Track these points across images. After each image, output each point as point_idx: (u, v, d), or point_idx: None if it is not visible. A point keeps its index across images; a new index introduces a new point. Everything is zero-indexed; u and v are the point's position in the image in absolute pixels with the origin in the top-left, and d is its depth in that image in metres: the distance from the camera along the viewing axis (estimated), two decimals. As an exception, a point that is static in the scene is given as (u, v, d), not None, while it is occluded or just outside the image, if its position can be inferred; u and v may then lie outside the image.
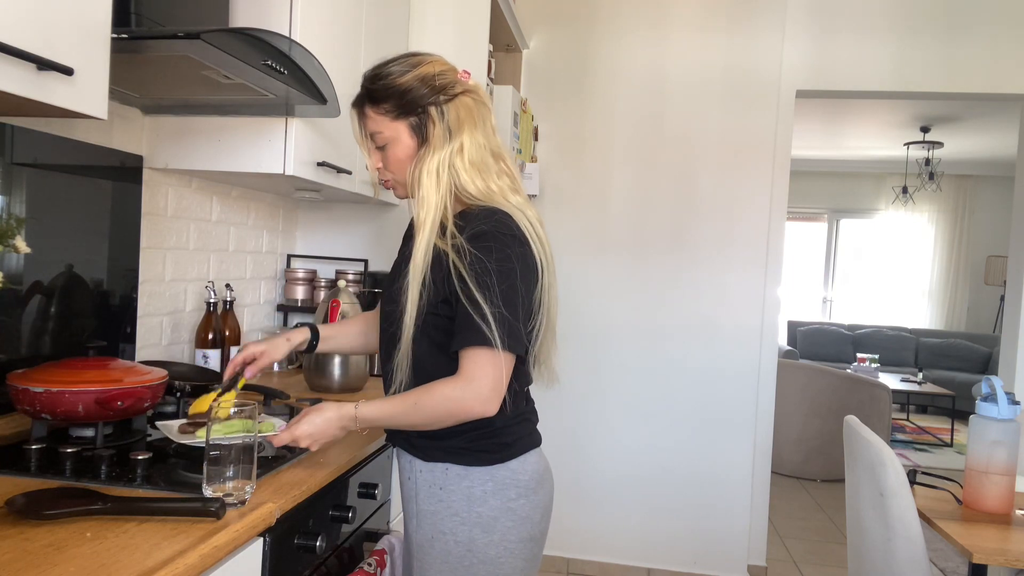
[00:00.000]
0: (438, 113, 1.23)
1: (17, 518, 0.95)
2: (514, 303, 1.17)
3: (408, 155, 1.25)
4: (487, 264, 1.15)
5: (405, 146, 1.25)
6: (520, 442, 1.29)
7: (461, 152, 1.23)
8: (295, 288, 2.48)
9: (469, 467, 1.25)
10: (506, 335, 1.14)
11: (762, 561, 3.20)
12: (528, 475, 1.28)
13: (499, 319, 1.14)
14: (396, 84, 1.24)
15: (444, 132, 1.23)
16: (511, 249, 1.18)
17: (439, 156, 1.22)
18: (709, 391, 3.15)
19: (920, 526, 1.74)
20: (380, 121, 1.26)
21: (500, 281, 1.15)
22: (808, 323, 7.86)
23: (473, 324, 1.14)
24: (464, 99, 1.25)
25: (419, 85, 1.24)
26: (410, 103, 1.23)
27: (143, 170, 1.77)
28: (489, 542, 1.24)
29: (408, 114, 1.24)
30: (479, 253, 1.16)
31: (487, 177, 1.24)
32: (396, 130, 1.25)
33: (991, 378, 1.82)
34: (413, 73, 1.24)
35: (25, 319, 1.43)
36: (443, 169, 1.22)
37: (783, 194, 3.11)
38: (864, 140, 6.84)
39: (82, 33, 1.07)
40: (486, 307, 1.14)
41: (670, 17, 3.12)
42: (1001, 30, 3.03)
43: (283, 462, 1.30)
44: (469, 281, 1.15)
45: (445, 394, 1.17)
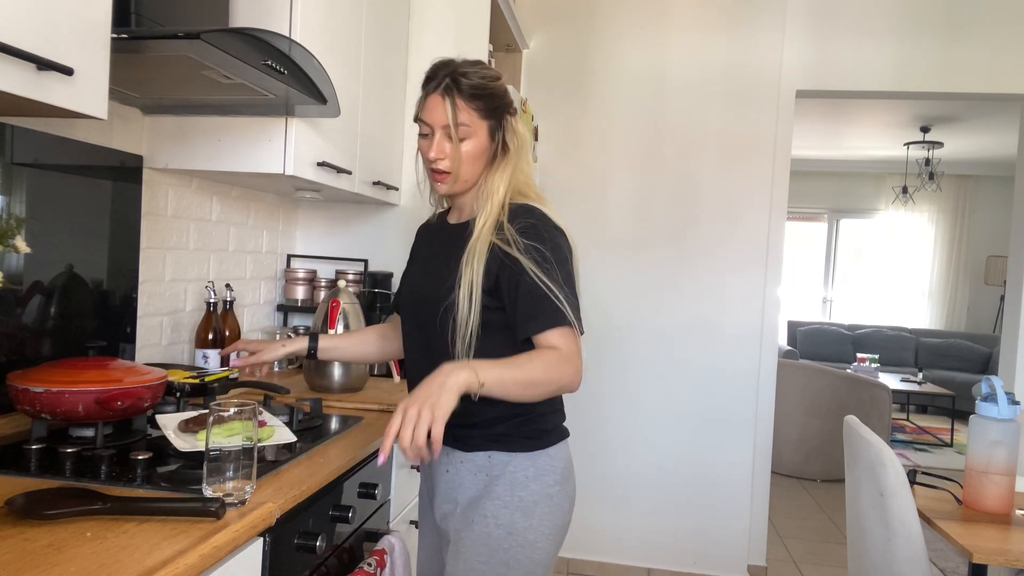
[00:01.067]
0: (511, 124, 1.36)
1: (17, 518, 0.95)
2: (574, 287, 1.27)
3: (480, 155, 1.33)
4: (544, 252, 1.24)
5: (482, 146, 1.33)
6: (556, 430, 1.36)
7: (522, 163, 1.37)
8: (295, 288, 2.48)
9: (513, 453, 1.30)
10: (577, 314, 1.24)
11: (762, 561, 3.20)
12: (563, 463, 1.35)
13: (570, 301, 1.23)
14: (492, 88, 1.33)
15: (517, 143, 1.36)
16: (560, 239, 1.29)
17: (511, 165, 1.35)
18: (709, 391, 3.15)
19: (920, 526, 1.74)
20: (470, 116, 1.31)
21: (560, 267, 1.25)
22: (808, 323, 7.86)
23: (548, 307, 1.21)
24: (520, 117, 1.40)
25: (502, 95, 1.35)
26: (496, 109, 1.33)
27: (143, 170, 1.77)
28: (528, 526, 1.28)
29: (491, 118, 1.33)
30: (535, 243, 1.24)
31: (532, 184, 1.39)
32: (480, 129, 1.32)
33: (991, 378, 1.82)
34: (500, 83, 1.36)
35: (25, 319, 1.43)
36: (510, 177, 1.34)
37: (783, 194, 3.11)
38: (864, 140, 6.84)
39: (82, 33, 1.07)
40: (556, 290, 1.21)
41: (670, 17, 3.12)
42: (1001, 30, 3.03)
43: (283, 462, 1.30)
44: (529, 268, 1.22)
45: (554, 363, 1.19)
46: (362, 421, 1.69)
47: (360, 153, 2.14)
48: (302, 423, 1.55)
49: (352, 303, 1.98)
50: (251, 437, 1.07)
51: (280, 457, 1.32)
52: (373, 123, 2.24)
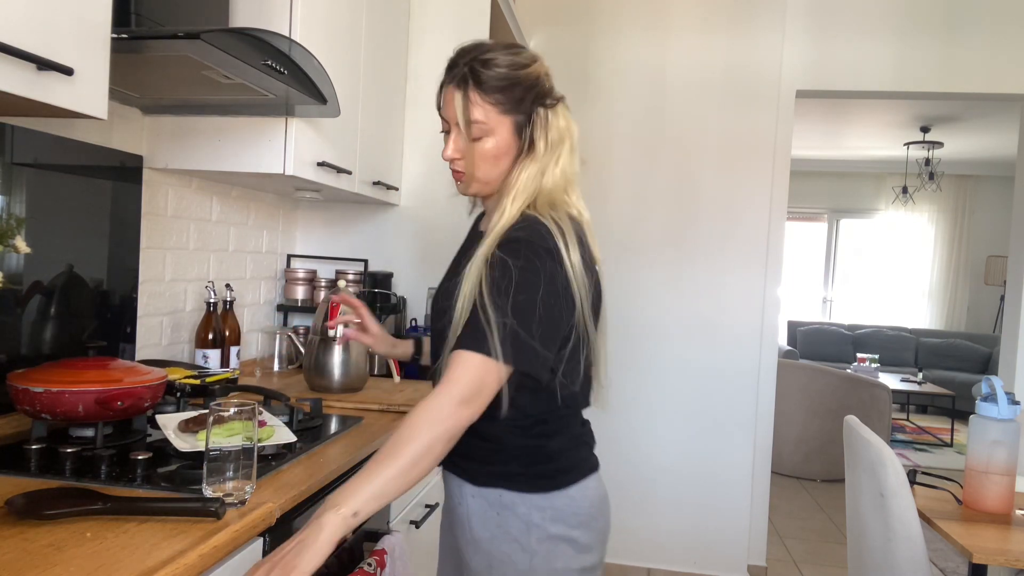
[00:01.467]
0: (544, 118, 1.17)
1: (17, 518, 0.95)
2: (528, 317, 1.05)
3: (503, 153, 1.17)
4: (508, 270, 1.07)
5: (504, 144, 1.16)
6: (578, 468, 1.21)
7: (556, 164, 1.17)
8: (295, 288, 2.48)
9: (525, 494, 1.17)
10: (508, 346, 1.04)
11: (762, 561, 3.20)
12: (588, 502, 1.20)
13: (503, 329, 1.04)
14: (517, 78, 1.14)
15: (548, 140, 1.17)
16: (540, 261, 1.08)
17: (539, 163, 1.16)
18: (709, 391, 3.15)
19: (920, 526, 1.74)
20: (487, 111, 1.14)
21: (518, 291, 1.06)
22: (808, 323, 7.86)
23: (475, 328, 1.05)
24: (562, 108, 1.20)
25: (532, 84, 1.16)
26: (522, 101, 1.15)
27: (143, 170, 1.77)
28: (551, 570, 1.16)
29: (516, 111, 1.16)
30: (505, 257, 1.08)
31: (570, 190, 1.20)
32: (501, 125, 1.15)
33: (991, 378, 1.82)
34: (531, 70, 1.16)
35: (25, 319, 1.43)
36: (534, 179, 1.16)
37: (783, 194, 3.11)
38: (864, 140, 6.84)
39: (82, 33, 1.07)
40: (492, 314, 1.05)
41: (670, 17, 3.12)
42: (1001, 30, 3.03)
43: (283, 462, 1.30)
44: (485, 285, 1.07)
45: (423, 414, 1.01)
46: (362, 421, 1.69)
47: (360, 153, 2.14)
48: (302, 423, 1.55)
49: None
50: (251, 437, 1.07)
51: (280, 457, 1.32)
52: (373, 123, 2.24)
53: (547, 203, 1.16)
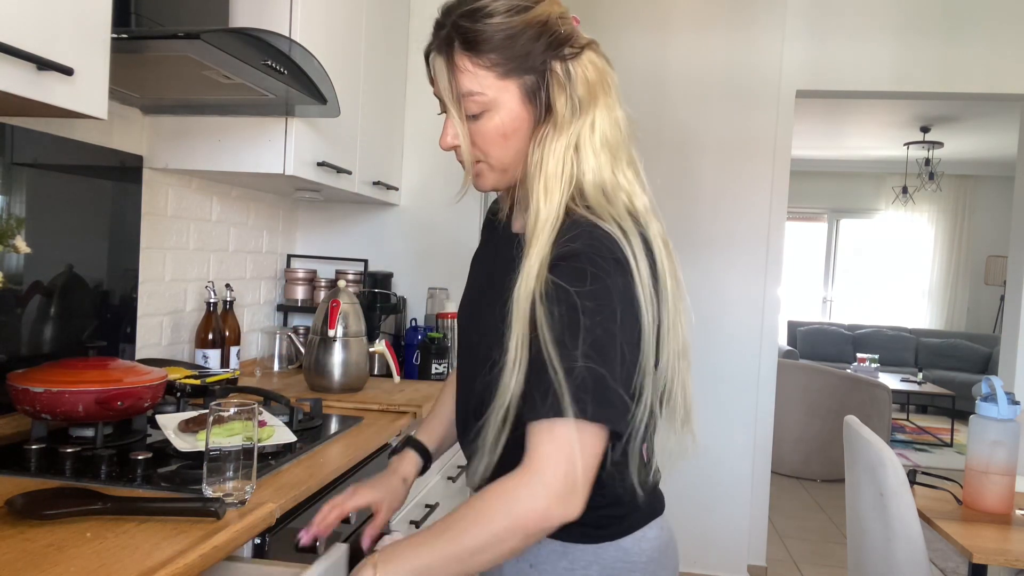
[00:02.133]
0: (564, 72, 0.89)
1: (17, 518, 0.95)
2: (610, 356, 0.81)
3: (516, 128, 0.90)
4: (572, 301, 0.81)
5: (514, 116, 0.90)
6: (636, 514, 0.96)
7: (592, 129, 0.89)
8: (295, 288, 2.48)
9: (568, 543, 0.93)
10: (590, 400, 0.79)
11: (762, 561, 3.20)
12: (646, 554, 0.95)
13: (581, 378, 0.79)
14: (508, 26, 0.87)
15: (573, 100, 0.89)
16: (612, 280, 0.82)
17: (567, 134, 0.89)
18: (709, 391, 3.15)
19: (920, 526, 1.74)
20: (481, 78, 0.88)
21: (594, 327, 0.80)
22: (808, 323, 7.86)
23: (542, 387, 0.80)
24: (590, 55, 0.92)
25: (539, 31, 0.88)
26: (527, 55, 0.88)
27: (143, 170, 1.77)
28: None
29: (523, 71, 0.89)
30: (565, 284, 0.82)
31: (617, 166, 0.91)
32: (503, 92, 0.89)
33: (991, 378, 1.82)
34: (532, 14, 0.88)
35: (25, 319, 1.43)
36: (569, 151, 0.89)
37: (783, 194, 3.11)
38: (864, 140, 6.84)
39: (82, 33, 1.07)
40: (561, 362, 0.79)
41: (670, 17, 3.12)
42: (1001, 30, 3.03)
43: (283, 462, 1.30)
44: (546, 327, 0.81)
45: (501, 499, 0.80)
46: (362, 421, 1.69)
47: (360, 153, 2.14)
48: (302, 423, 1.55)
49: (352, 303, 1.98)
50: (251, 437, 1.07)
51: (280, 457, 1.32)
52: (373, 123, 2.24)
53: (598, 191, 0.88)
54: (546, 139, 0.89)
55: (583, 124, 0.89)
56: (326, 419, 1.66)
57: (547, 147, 0.89)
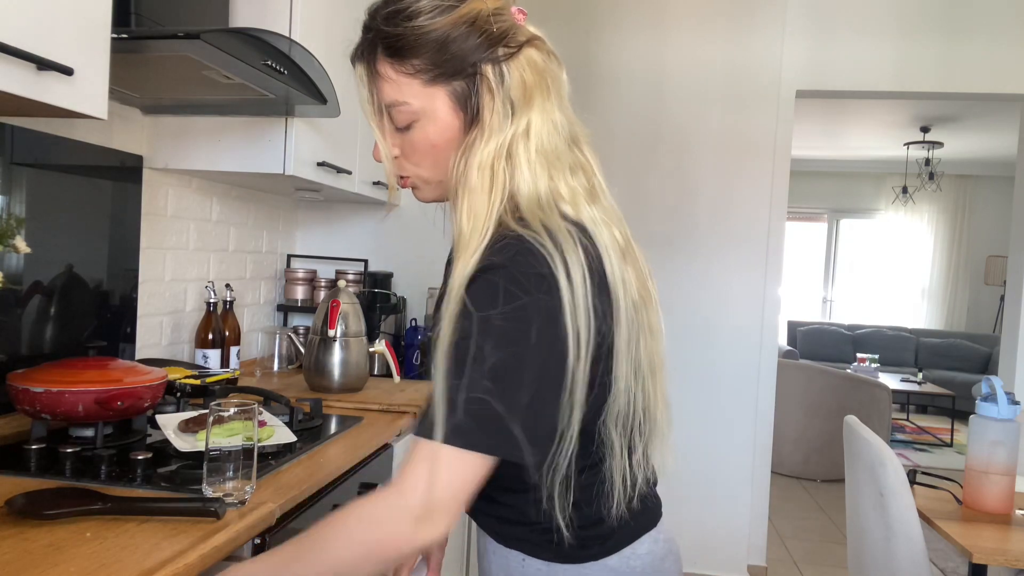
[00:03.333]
0: (496, 76, 0.82)
1: (17, 518, 0.95)
2: (512, 381, 0.74)
3: (446, 138, 0.84)
4: (474, 323, 0.75)
5: (443, 125, 0.84)
6: (622, 532, 0.90)
7: (527, 136, 0.82)
8: (295, 288, 2.48)
9: (553, 563, 0.88)
10: (475, 426, 0.73)
11: (762, 561, 3.20)
12: (637, 571, 0.90)
13: (467, 403, 0.73)
14: (432, 28, 0.81)
15: (505, 105, 0.82)
16: (530, 297, 0.75)
17: (496, 141, 0.81)
18: (709, 391, 3.15)
19: (920, 526, 1.74)
20: (405, 86, 0.83)
21: (497, 349, 0.74)
22: (808, 323, 7.86)
23: (434, 408, 0.75)
24: (530, 53, 0.84)
25: (467, 31, 0.81)
26: (454, 59, 0.81)
27: (143, 170, 1.77)
28: None
29: (451, 76, 0.82)
30: (473, 305, 0.75)
31: (557, 174, 0.83)
32: (430, 100, 0.83)
33: (991, 378, 1.82)
34: (458, 13, 0.81)
35: (25, 319, 1.43)
36: (499, 161, 0.81)
37: (783, 194, 3.11)
38: (864, 140, 6.84)
39: (82, 33, 1.08)
40: (448, 389, 0.74)
41: (670, 17, 3.12)
42: (1001, 30, 3.03)
43: (283, 462, 1.30)
44: (449, 346, 0.76)
45: (367, 517, 0.76)
46: (362, 421, 1.69)
47: (360, 153, 2.15)
48: (302, 423, 1.55)
49: (352, 303, 1.98)
50: (251, 437, 1.07)
51: (280, 457, 1.32)
52: (373, 123, 2.24)
53: (533, 202, 0.80)
54: (472, 147, 0.82)
55: (515, 130, 0.82)
56: (326, 419, 1.66)
57: (471, 156, 0.82)
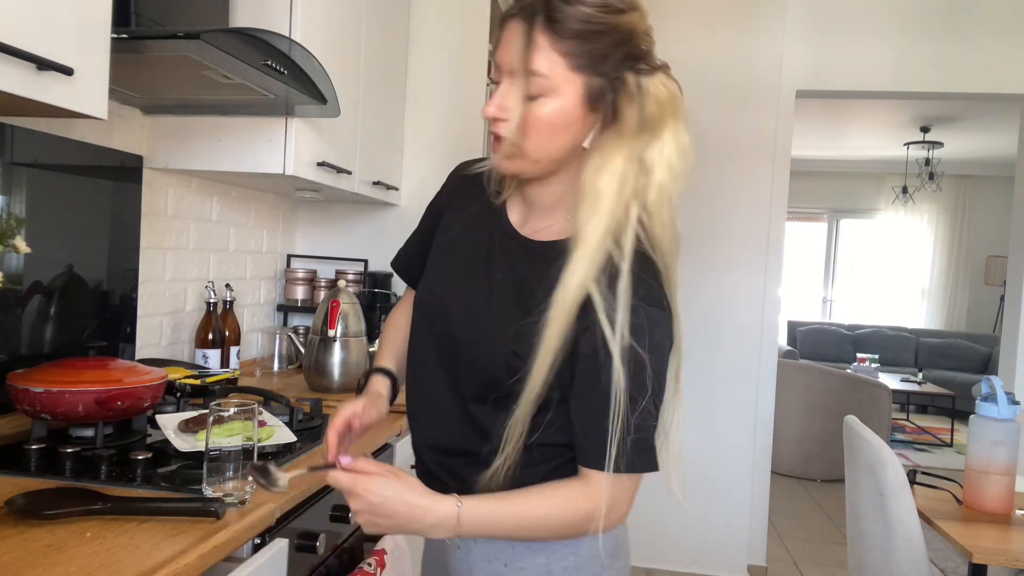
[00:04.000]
0: (636, 86, 0.86)
1: (17, 518, 0.95)
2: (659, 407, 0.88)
3: (567, 124, 0.87)
4: (641, 352, 0.84)
5: (568, 111, 0.86)
6: None
7: (660, 152, 0.86)
8: (295, 288, 2.48)
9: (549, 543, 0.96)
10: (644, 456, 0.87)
11: (762, 561, 3.20)
12: (612, 540, 0.99)
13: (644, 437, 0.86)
14: (597, 20, 0.84)
15: (642, 115, 0.86)
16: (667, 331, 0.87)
17: (629, 147, 0.86)
18: (709, 391, 3.14)
19: (920, 526, 1.74)
20: (552, 61, 0.84)
21: (656, 382, 0.85)
22: (808, 323, 7.86)
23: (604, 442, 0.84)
24: (663, 78, 0.90)
25: (623, 38, 0.86)
26: (603, 57, 0.85)
27: (143, 170, 1.77)
28: None
29: (593, 71, 0.85)
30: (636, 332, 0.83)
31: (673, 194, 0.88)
32: (568, 85, 0.85)
33: (991, 378, 1.82)
34: (623, 18, 0.86)
35: (25, 319, 1.43)
36: (632, 167, 0.86)
37: (783, 194, 3.11)
38: (864, 140, 6.84)
39: (82, 33, 1.07)
40: (632, 419, 0.84)
41: (670, 17, 3.12)
42: (1001, 30, 3.03)
43: (283, 462, 1.30)
44: (622, 372, 0.83)
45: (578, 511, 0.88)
46: (362, 421, 1.69)
47: (360, 153, 2.14)
48: (302, 423, 1.55)
49: (352, 303, 1.98)
50: (251, 437, 1.07)
51: (280, 457, 1.32)
52: (373, 123, 2.24)
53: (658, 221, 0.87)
54: (603, 147, 0.87)
55: (650, 141, 0.86)
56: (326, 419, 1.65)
57: (603, 157, 0.86)
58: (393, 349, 1.17)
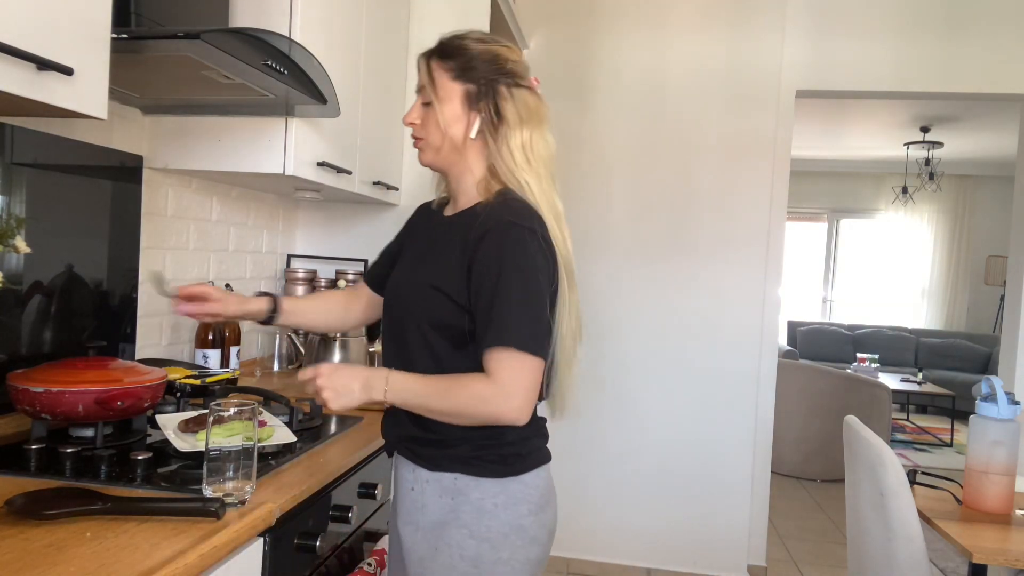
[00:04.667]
0: (508, 93, 1.20)
1: (17, 518, 0.95)
2: (542, 305, 1.13)
3: (450, 121, 1.21)
4: (519, 260, 1.11)
5: (452, 112, 1.21)
6: (533, 455, 1.23)
7: (531, 141, 1.21)
8: (295, 288, 2.48)
9: (480, 478, 1.18)
10: (536, 338, 1.11)
11: (762, 561, 3.20)
12: (539, 491, 1.22)
13: (530, 320, 1.10)
14: (468, 48, 1.22)
15: (517, 115, 1.20)
16: (537, 247, 1.14)
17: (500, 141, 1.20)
18: (709, 391, 3.14)
19: (920, 526, 1.74)
20: (439, 76, 1.23)
21: (530, 280, 1.11)
22: (808, 323, 7.85)
23: (504, 322, 1.09)
24: (530, 94, 1.24)
25: (490, 59, 1.22)
26: (473, 70, 1.21)
27: (143, 170, 1.77)
28: (497, 559, 1.17)
29: (467, 80, 1.21)
30: (513, 246, 1.12)
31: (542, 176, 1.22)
32: (450, 92, 1.22)
33: (991, 378, 1.82)
34: (487, 47, 1.23)
35: (25, 319, 1.43)
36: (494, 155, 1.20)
37: (783, 194, 3.11)
38: (864, 140, 6.84)
39: (82, 33, 1.08)
40: (517, 306, 1.10)
41: (670, 17, 3.12)
42: (1001, 30, 3.03)
43: (283, 462, 1.30)
44: (499, 274, 1.10)
45: (479, 394, 1.10)
46: (362, 421, 1.69)
47: (360, 153, 2.14)
48: (302, 423, 1.55)
49: (352, 303, 1.98)
50: (251, 437, 1.07)
51: (280, 457, 1.32)
52: (373, 123, 2.24)
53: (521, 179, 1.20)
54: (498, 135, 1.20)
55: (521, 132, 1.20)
56: (326, 419, 1.66)
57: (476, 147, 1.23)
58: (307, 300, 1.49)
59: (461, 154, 1.24)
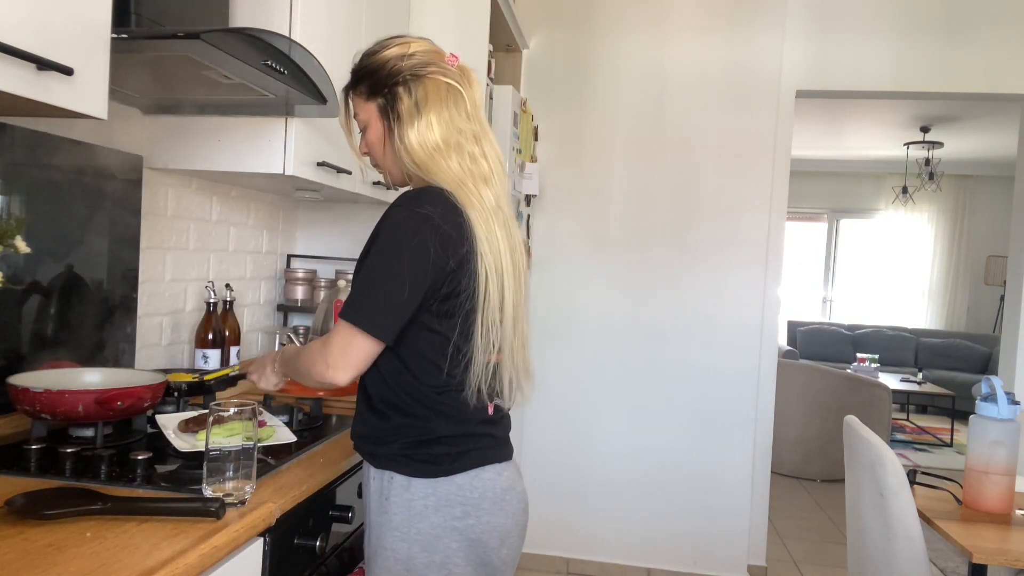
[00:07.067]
0: (406, 91, 1.20)
1: (17, 518, 0.95)
2: (395, 288, 1.11)
3: (378, 138, 1.24)
4: (388, 241, 1.13)
5: (375, 129, 1.24)
6: (469, 456, 1.18)
7: (429, 129, 1.18)
8: (295, 288, 2.48)
9: (410, 478, 1.16)
10: (374, 319, 1.11)
11: (762, 561, 3.20)
12: (479, 493, 1.17)
13: (372, 300, 1.12)
14: (369, 64, 1.24)
15: (412, 109, 1.19)
16: (416, 231, 1.11)
17: (404, 131, 1.19)
18: (709, 391, 3.14)
19: (920, 526, 1.74)
20: (358, 103, 1.26)
21: (390, 261, 1.11)
22: (808, 323, 7.85)
23: (352, 297, 1.14)
24: (435, 79, 1.21)
25: (390, 63, 1.22)
26: (379, 83, 1.22)
27: (143, 170, 1.77)
28: (430, 562, 1.14)
29: (377, 94, 1.23)
30: (388, 228, 1.14)
31: (451, 157, 1.18)
32: (369, 112, 1.24)
33: (991, 378, 1.82)
34: (384, 53, 1.23)
35: (25, 319, 1.43)
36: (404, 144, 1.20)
37: (783, 194, 3.11)
38: (864, 140, 6.84)
39: (82, 33, 1.07)
40: (367, 285, 1.13)
41: (670, 17, 3.12)
42: (1001, 30, 3.03)
43: (283, 462, 1.30)
44: (368, 252, 1.15)
45: (311, 357, 1.16)
46: (362, 421, 1.69)
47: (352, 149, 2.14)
48: (302, 423, 1.55)
49: (352, 303, 1.98)
50: (251, 437, 1.07)
51: (280, 457, 1.32)
52: (373, 123, 2.24)
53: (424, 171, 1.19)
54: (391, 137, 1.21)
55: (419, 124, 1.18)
56: (326, 419, 1.66)
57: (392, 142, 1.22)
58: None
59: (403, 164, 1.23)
